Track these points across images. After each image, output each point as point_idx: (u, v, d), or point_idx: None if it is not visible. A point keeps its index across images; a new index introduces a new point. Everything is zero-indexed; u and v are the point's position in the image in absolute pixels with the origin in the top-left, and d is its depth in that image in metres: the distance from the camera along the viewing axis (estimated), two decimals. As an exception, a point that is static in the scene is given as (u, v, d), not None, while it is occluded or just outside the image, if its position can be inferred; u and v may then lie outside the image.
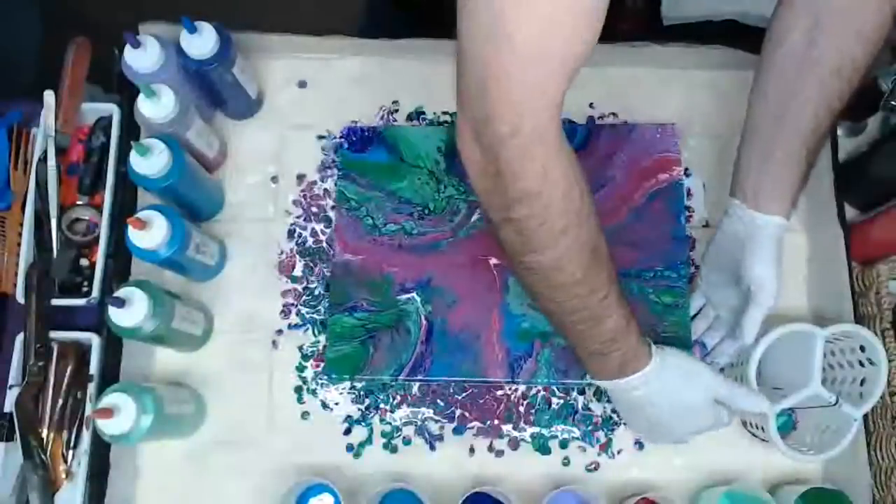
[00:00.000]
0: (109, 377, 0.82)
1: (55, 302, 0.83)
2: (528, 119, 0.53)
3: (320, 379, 0.83)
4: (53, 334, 0.82)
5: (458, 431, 0.82)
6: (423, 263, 0.85)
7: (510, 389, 0.83)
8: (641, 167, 0.87)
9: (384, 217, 0.86)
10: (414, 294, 0.84)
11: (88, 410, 0.80)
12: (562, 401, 0.83)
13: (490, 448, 0.82)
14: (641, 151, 0.87)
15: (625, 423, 0.81)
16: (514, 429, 0.82)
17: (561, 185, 0.58)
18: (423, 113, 0.92)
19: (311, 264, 0.87)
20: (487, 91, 0.53)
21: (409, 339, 0.82)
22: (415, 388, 0.83)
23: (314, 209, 0.89)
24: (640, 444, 0.82)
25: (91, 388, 0.81)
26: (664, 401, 0.71)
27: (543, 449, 0.82)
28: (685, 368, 0.71)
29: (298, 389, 0.84)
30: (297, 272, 0.87)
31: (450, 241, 0.86)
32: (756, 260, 0.72)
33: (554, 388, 0.83)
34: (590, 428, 0.82)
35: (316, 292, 0.86)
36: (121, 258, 0.85)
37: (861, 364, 0.76)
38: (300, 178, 0.90)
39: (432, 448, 0.82)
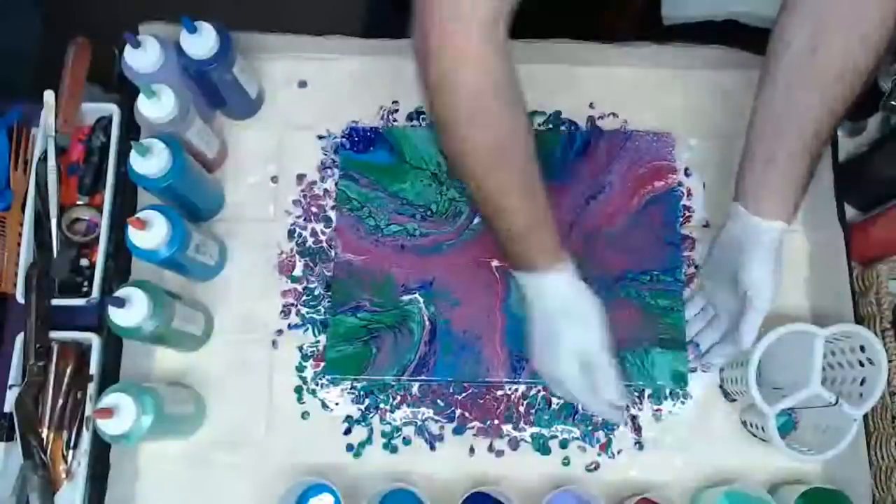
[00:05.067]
0: (109, 377, 0.82)
1: (55, 302, 0.83)
2: (460, 30, 0.61)
3: (320, 379, 0.83)
4: (53, 334, 0.82)
5: (458, 431, 0.82)
6: (425, 265, 0.85)
7: (510, 389, 0.83)
8: (638, 174, 0.88)
9: (387, 218, 0.87)
10: (417, 295, 0.84)
11: (88, 410, 0.80)
12: (562, 401, 0.83)
13: (490, 448, 0.82)
14: (638, 159, 0.89)
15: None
16: (514, 429, 0.82)
17: (487, 78, 0.63)
18: (423, 113, 0.92)
19: (311, 264, 0.87)
20: (425, 7, 0.61)
21: (413, 339, 0.83)
22: (415, 388, 0.83)
23: (314, 209, 0.89)
24: (640, 445, 0.82)
25: (91, 388, 0.81)
26: (543, 318, 0.71)
27: (543, 449, 0.82)
28: (581, 307, 0.71)
29: (298, 389, 0.84)
30: (297, 272, 0.87)
31: (452, 243, 0.86)
32: (754, 265, 0.72)
33: (554, 388, 0.83)
34: (590, 428, 0.82)
35: (316, 292, 0.86)
36: (121, 258, 0.85)
37: (861, 364, 0.76)
38: (300, 178, 0.90)
39: (432, 448, 0.82)
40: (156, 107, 0.76)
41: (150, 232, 0.72)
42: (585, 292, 0.71)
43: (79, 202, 0.87)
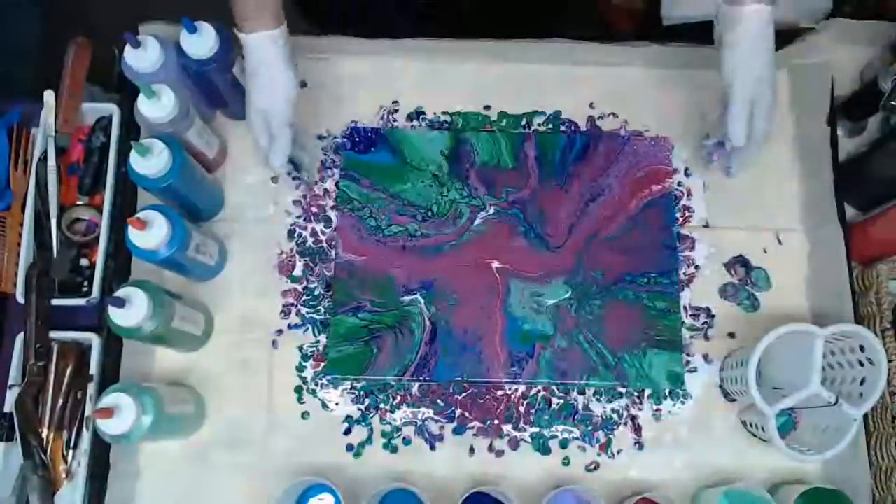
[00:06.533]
0: (109, 377, 0.82)
1: (55, 302, 0.83)
2: None
3: (320, 379, 0.83)
4: (53, 334, 0.82)
5: (458, 431, 0.82)
6: (426, 265, 0.85)
7: (510, 389, 0.83)
8: (636, 178, 0.89)
9: (388, 218, 0.87)
10: (418, 295, 0.84)
11: (88, 410, 0.80)
12: (562, 401, 0.83)
13: (490, 448, 0.82)
14: (636, 162, 0.89)
15: None
16: (514, 429, 0.82)
17: None
18: (423, 113, 0.92)
19: (311, 264, 0.87)
20: None
21: (413, 339, 0.83)
22: (415, 388, 0.83)
23: (314, 209, 0.89)
24: (639, 445, 0.82)
25: (91, 388, 0.81)
26: (249, 71, 0.77)
27: (543, 449, 0.82)
28: (270, 73, 0.76)
29: (298, 389, 0.84)
30: (297, 272, 0.87)
31: (453, 244, 0.86)
32: (727, 53, 0.73)
33: (554, 388, 0.83)
34: (590, 428, 0.82)
35: (316, 292, 0.86)
36: (121, 258, 0.85)
37: (861, 364, 0.76)
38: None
39: (432, 448, 0.82)
40: (156, 107, 0.76)
41: (150, 232, 0.72)
42: (277, 60, 0.76)
43: (79, 202, 0.87)
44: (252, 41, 0.75)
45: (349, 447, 0.82)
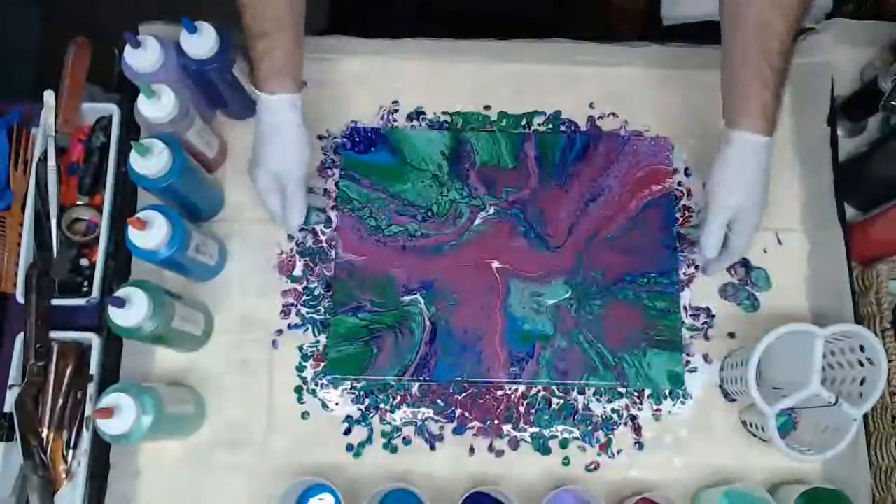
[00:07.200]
0: (109, 377, 0.82)
1: (55, 302, 0.83)
2: None
3: (320, 379, 0.83)
4: (53, 334, 0.82)
5: (458, 431, 0.82)
6: (426, 265, 0.85)
7: (510, 389, 0.83)
8: (636, 178, 0.89)
9: (388, 218, 0.87)
10: (418, 295, 0.84)
11: (88, 410, 0.80)
12: (562, 401, 0.83)
13: (490, 448, 0.82)
14: (636, 162, 0.89)
15: None
16: (514, 429, 0.83)
17: None
18: (423, 113, 0.92)
19: (311, 264, 0.87)
20: None
21: (413, 339, 0.83)
22: (415, 388, 0.83)
23: (314, 209, 0.89)
24: (639, 445, 0.82)
25: (91, 388, 0.81)
26: (258, 136, 0.78)
27: (543, 449, 0.82)
28: (287, 135, 0.77)
29: (298, 389, 0.84)
30: (297, 272, 0.87)
31: (453, 244, 0.86)
32: (715, 170, 0.74)
33: (554, 388, 0.83)
34: (590, 428, 0.82)
35: (316, 292, 0.86)
36: (121, 258, 0.85)
37: (861, 364, 0.76)
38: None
39: (432, 448, 0.82)
40: (156, 107, 0.76)
41: (150, 232, 0.72)
42: (294, 124, 0.77)
43: (79, 202, 0.87)
44: (272, 103, 0.76)
45: (349, 447, 0.82)
